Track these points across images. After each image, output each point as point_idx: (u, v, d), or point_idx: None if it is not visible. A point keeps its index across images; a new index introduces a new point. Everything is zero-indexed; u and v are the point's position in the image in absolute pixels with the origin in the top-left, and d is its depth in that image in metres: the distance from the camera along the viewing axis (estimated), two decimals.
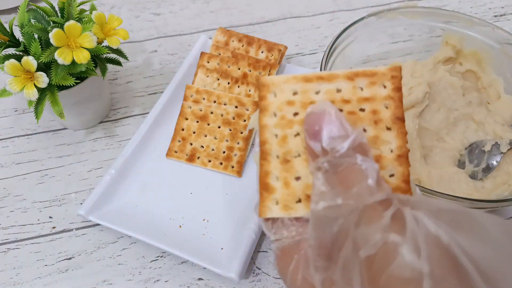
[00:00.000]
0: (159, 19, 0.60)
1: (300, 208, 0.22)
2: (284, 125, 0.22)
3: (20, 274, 0.38)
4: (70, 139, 0.47)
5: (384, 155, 0.21)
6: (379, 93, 0.21)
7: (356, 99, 0.21)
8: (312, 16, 0.60)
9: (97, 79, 0.43)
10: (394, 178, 0.20)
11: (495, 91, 0.43)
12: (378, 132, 0.21)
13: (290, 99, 0.21)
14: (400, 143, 0.21)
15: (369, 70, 0.21)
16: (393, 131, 0.21)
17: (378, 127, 0.21)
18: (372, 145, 0.21)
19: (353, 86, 0.21)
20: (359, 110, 0.21)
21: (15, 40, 0.40)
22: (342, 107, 0.21)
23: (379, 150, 0.21)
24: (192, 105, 0.45)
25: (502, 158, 0.40)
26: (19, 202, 0.42)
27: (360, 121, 0.21)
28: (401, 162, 0.20)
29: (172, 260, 0.39)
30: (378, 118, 0.21)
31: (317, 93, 0.21)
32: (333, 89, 0.21)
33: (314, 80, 0.21)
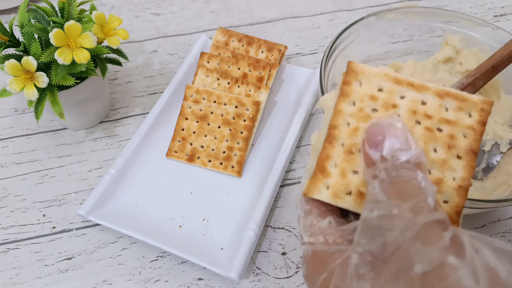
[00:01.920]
0: (159, 19, 0.60)
1: (348, 201, 0.21)
2: (360, 117, 0.21)
3: (20, 274, 0.38)
4: (70, 139, 0.47)
5: (445, 180, 0.20)
6: (462, 120, 0.21)
7: (439, 118, 0.21)
8: (312, 16, 0.60)
9: (97, 79, 0.43)
10: (447, 206, 0.20)
11: (495, 91, 0.43)
12: (448, 157, 0.21)
13: (374, 94, 0.21)
14: (466, 175, 0.20)
15: (462, 94, 0.21)
16: (463, 162, 0.20)
17: (449, 152, 0.21)
18: (438, 167, 0.20)
19: (440, 104, 0.21)
20: (437, 130, 0.21)
21: (15, 40, 0.40)
22: (422, 120, 0.21)
23: (442, 174, 0.20)
24: (192, 105, 0.45)
25: (502, 158, 0.40)
26: (19, 202, 0.42)
27: (434, 140, 0.21)
28: (459, 193, 0.20)
29: (172, 260, 0.39)
30: (452, 144, 0.21)
31: (402, 98, 0.21)
32: (419, 99, 0.21)
33: (404, 84, 0.21)
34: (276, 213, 0.41)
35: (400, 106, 0.21)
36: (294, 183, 0.44)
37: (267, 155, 0.45)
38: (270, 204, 0.40)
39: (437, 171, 0.20)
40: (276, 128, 0.47)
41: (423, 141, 0.21)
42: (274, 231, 0.40)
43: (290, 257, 0.39)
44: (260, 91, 0.46)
